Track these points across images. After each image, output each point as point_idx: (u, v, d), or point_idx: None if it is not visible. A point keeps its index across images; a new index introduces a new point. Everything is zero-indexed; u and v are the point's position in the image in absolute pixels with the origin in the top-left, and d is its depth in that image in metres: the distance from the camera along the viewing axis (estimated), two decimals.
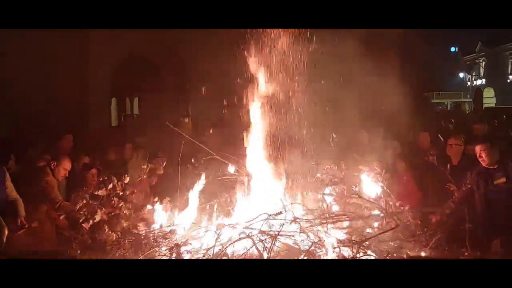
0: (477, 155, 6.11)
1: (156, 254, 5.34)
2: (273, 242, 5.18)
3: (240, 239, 5.34)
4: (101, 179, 7.30)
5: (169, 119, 8.96)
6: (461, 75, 55.64)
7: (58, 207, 6.64)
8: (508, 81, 43.85)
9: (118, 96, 17.89)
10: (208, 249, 5.28)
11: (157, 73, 16.39)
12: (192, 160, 7.30)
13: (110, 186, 7.14)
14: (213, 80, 11.70)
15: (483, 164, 6.08)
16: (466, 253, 5.47)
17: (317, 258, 5.12)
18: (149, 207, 6.75)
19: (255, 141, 6.64)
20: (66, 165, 7.04)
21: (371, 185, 6.90)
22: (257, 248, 5.17)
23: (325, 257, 5.16)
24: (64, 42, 13.57)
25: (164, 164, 8.75)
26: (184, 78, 14.82)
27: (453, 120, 13.83)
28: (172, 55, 15.19)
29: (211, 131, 9.82)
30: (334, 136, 7.24)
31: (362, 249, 5.36)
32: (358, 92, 8.61)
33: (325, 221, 5.83)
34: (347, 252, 5.30)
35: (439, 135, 9.61)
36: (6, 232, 5.59)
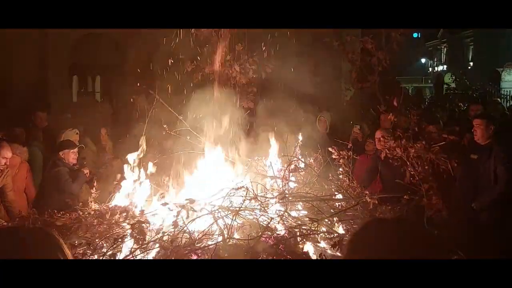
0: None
1: (120, 230, 5.28)
2: (234, 218, 5.21)
3: (202, 215, 5.34)
4: None
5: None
6: (423, 60, 56.58)
7: None
8: (469, 67, 44.74)
9: (79, 74, 17.46)
10: (169, 225, 5.27)
11: (120, 51, 16.05)
12: (165, 126, 7.09)
13: None
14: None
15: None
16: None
17: (276, 235, 5.17)
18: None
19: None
20: (6, 153, 6.84)
21: (333, 167, 6.97)
22: (217, 225, 5.20)
23: (282, 233, 5.24)
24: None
25: None
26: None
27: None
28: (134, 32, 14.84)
29: None
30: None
31: (322, 224, 5.46)
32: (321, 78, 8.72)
33: (285, 201, 5.87)
34: (306, 230, 5.38)
35: (408, 109, 9.68)
36: None
